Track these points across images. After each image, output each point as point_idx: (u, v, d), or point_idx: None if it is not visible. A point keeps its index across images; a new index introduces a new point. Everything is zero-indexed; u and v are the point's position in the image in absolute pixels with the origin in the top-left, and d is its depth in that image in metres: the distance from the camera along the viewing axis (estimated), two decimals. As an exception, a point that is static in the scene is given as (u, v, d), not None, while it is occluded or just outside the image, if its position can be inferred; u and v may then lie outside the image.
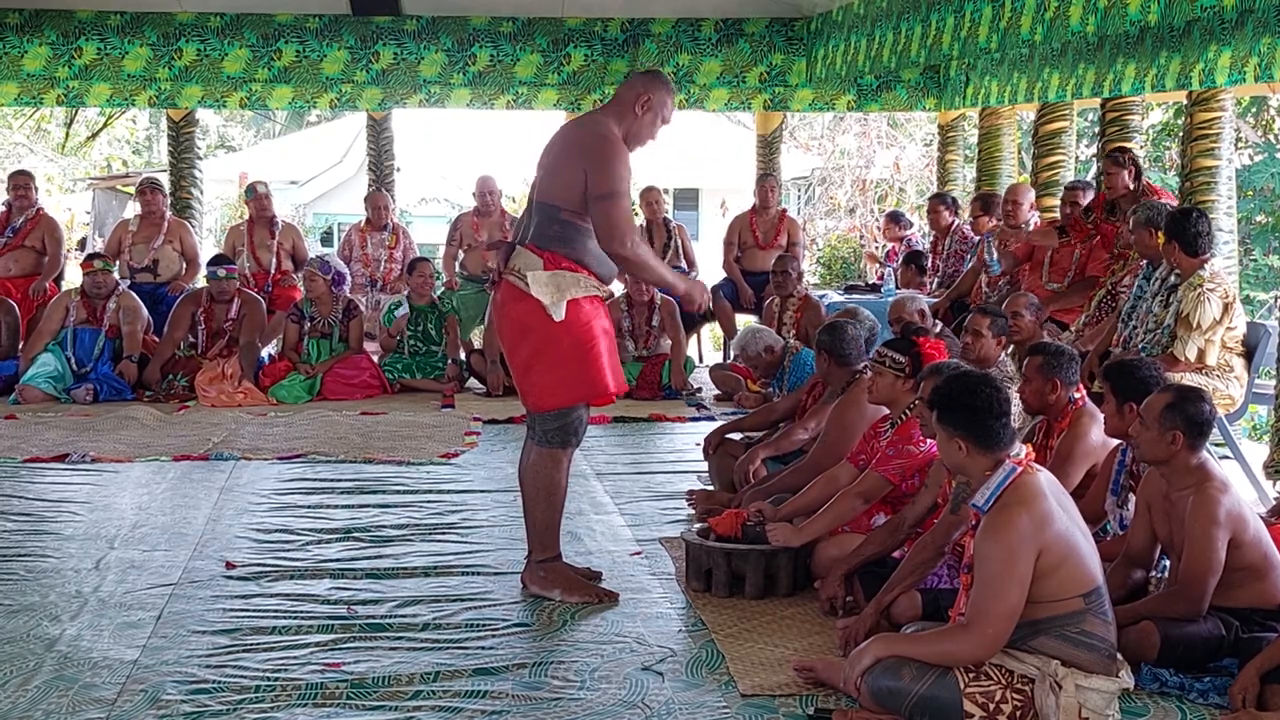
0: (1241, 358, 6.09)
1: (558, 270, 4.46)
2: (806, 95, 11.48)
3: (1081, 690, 3.41)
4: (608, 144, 4.51)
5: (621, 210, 4.44)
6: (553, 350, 4.49)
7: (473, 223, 10.33)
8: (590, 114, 4.83)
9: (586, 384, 4.55)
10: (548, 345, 4.48)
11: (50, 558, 5.15)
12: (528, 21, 11.01)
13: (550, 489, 4.63)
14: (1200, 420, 3.90)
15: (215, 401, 8.56)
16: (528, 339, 4.51)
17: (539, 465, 4.62)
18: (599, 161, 4.46)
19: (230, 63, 10.84)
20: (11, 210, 9.75)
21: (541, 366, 4.51)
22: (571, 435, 4.60)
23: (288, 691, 3.78)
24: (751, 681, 3.84)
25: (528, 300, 4.46)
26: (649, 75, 4.74)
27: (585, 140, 4.55)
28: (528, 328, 4.50)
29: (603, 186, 4.42)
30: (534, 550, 4.71)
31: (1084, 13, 6.75)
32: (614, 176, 4.43)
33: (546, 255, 4.47)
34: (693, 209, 24.75)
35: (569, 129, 4.73)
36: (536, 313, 4.45)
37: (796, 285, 8.94)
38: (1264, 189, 16.09)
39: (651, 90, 4.62)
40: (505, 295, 4.56)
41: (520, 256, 4.52)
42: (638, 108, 4.59)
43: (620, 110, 4.61)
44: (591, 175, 4.43)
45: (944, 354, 4.88)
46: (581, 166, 4.46)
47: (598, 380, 4.55)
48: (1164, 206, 6.68)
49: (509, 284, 4.53)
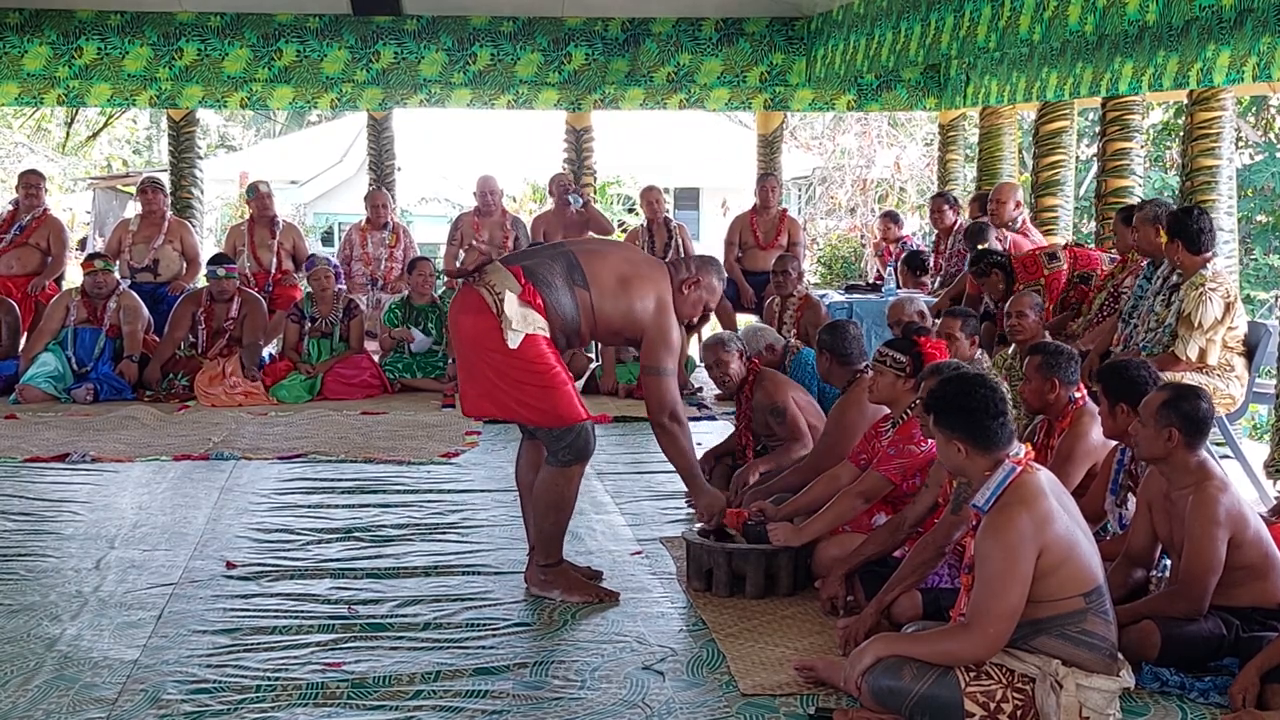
0: (1242, 357, 6.09)
1: (529, 307, 4.48)
2: (807, 95, 11.49)
3: (1082, 689, 3.41)
4: (669, 317, 4.67)
5: (672, 388, 4.62)
6: (513, 375, 4.49)
7: (473, 222, 10.32)
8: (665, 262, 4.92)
9: (553, 410, 4.53)
10: (509, 369, 4.48)
11: (50, 557, 5.15)
12: (528, 21, 11.01)
13: (561, 504, 4.64)
14: (1196, 417, 3.89)
15: (216, 401, 8.57)
16: (484, 355, 4.51)
17: (553, 482, 4.61)
18: (662, 334, 4.63)
19: (231, 62, 10.84)
20: (19, 209, 9.77)
21: (507, 387, 4.52)
22: (583, 450, 4.60)
23: (288, 691, 3.78)
24: (752, 681, 3.84)
25: (491, 318, 4.47)
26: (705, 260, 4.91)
27: (655, 294, 4.64)
28: (484, 345, 4.50)
29: (661, 361, 4.60)
30: (537, 555, 4.71)
31: (1082, 12, 6.75)
32: (672, 355, 4.63)
33: (527, 287, 4.49)
34: (693, 208, 24.75)
35: (641, 260, 4.81)
36: (495, 334, 4.46)
37: (797, 285, 8.93)
38: (1264, 188, 16.09)
39: (704, 275, 4.80)
40: (470, 304, 4.55)
41: (500, 274, 4.53)
42: (686, 288, 4.75)
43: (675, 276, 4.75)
44: (653, 341, 4.61)
45: (944, 354, 4.88)
46: (642, 315, 4.60)
47: (561, 406, 4.53)
48: (1167, 204, 6.70)
49: (478, 295, 4.52)
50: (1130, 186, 8.66)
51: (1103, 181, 8.84)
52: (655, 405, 4.64)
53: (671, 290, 4.71)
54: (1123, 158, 8.67)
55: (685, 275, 4.76)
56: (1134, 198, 8.50)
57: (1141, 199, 8.43)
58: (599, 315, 4.60)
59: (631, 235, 10.68)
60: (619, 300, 4.60)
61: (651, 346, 4.63)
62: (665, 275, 4.73)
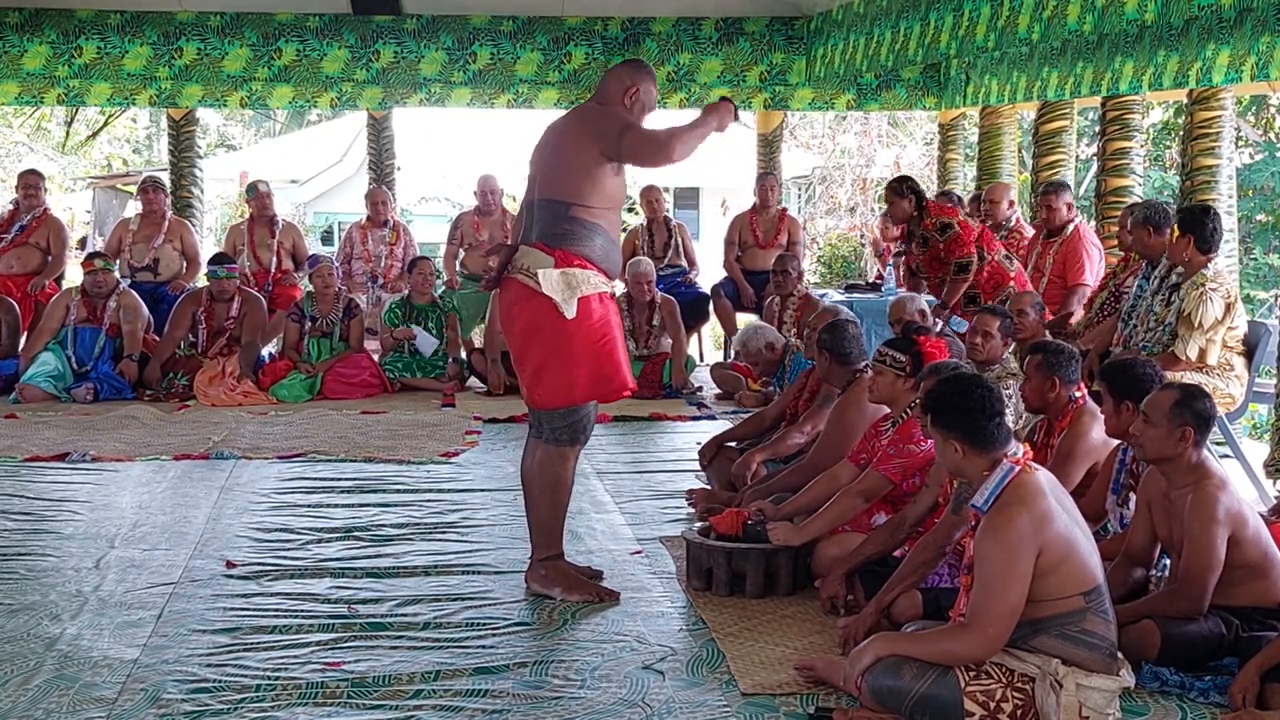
0: (1242, 357, 6.09)
1: (568, 268, 4.44)
2: (806, 94, 11.49)
3: (1082, 689, 3.41)
4: (607, 113, 4.52)
5: (644, 133, 4.44)
6: (568, 348, 4.46)
7: (474, 222, 10.33)
8: (579, 106, 4.81)
9: (603, 380, 4.55)
10: (562, 343, 4.46)
11: (50, 557, 5.16)
12: (528, 20, 11.00)
13: (556, 486, 4.63)
14: (1209, 416, 3.91)
15: (215, 400, 8.57)
16: (540, 339, 4.49)
17: (546, 462, 4.61)
18: (603, 122, 4.47)
19: (231, 62, 10.83)
20: (19, 209, 9.77)
21: (557, 364, 4.49)
22: (580, 433, 4.60)
23: (288, 691, 3.78)
24: (752, 680, 3.84)
25: (538, 299, 4.44)
26: (633, 66, 4.72)
27: (584, 122, 4.53)
28: (538, 328, 4.48)
29: (615, 127, 4.43)
30: (537, 548, 4.71)
31: (1081, 11, 6.75)
32: (622, 120, 4.45)
33: (557, 254, 4.45)
34: (693, 208, 24.74)
35: (561, 123, 4.68)
36: (547, 311, 4.43)
37: (797, 284, 8.94)
38: (1264, 188, 16.09)
39: (638, 81, 4.62)
40: (514, 295, 4.53)
41: (528, 255, 4.49)
42: (626, 99, 4.60)
43: (608, 103, 4.60)
44: (604, 138, 4.43)
45: (944, 353, 4.88)
46: (587, 144, 4.44)
47: (614, 375, 4.55)
48: (1162, 205, 6.72)
49: (518, 283, 4.49)
50: (1130, 186, 8.66)
51: (1103, 181, 8.84)
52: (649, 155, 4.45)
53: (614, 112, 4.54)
54: (1123, 157, 8.67)
55: (622, 87, 4.57)
56: (1134, 197, 8.51)
57: (1142, 199, 8.45)
58: (595, 211, 4.48)
59: (631, 234, 10.69)
60: (581, 180, 4.43)
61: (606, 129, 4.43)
62: (591, 117, 4.55)
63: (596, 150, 4.45)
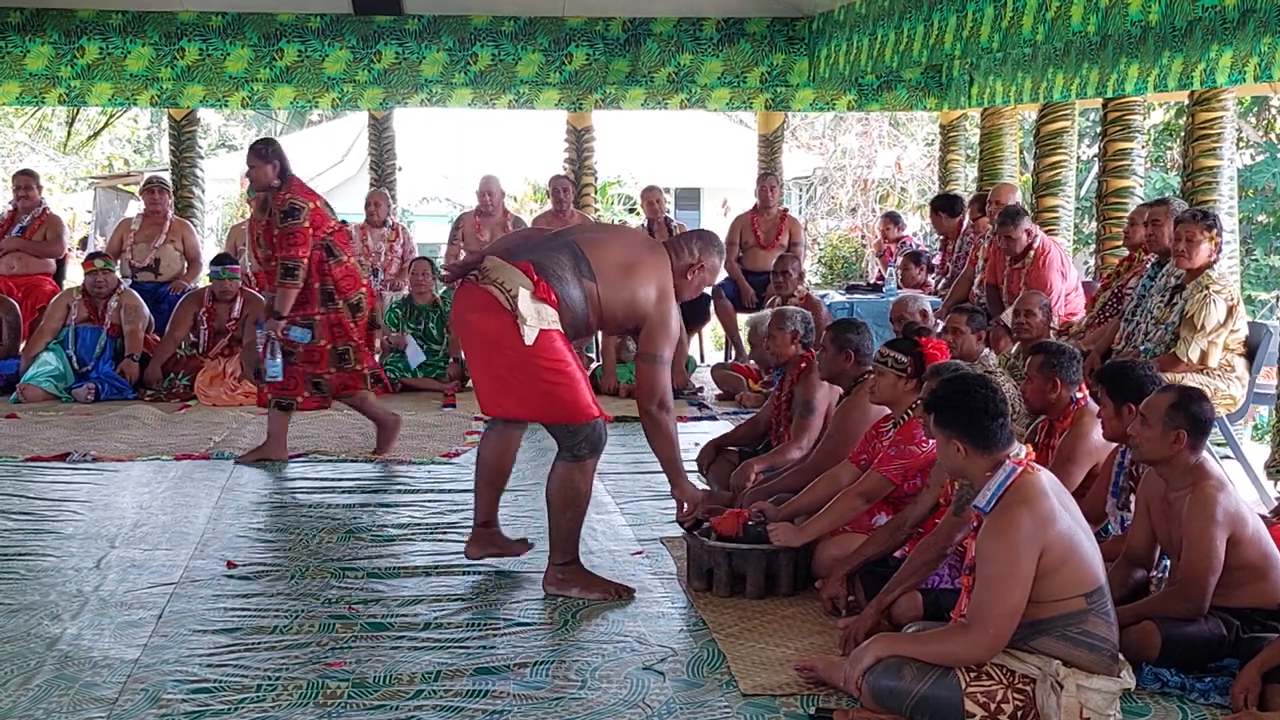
0: (1243, 358, 6.08)
1: (543, 302, 4.49)
2: (808, 95, 11.49)
3: (1083, 690, 3.41)
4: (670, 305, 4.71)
5: (665, 377, 4.65)
6: (530, 372, 4.50)
7: (475, 222, 10.32)
8: (668, 244, 4.92)
9: (561, 405, 4.55)
10: (526, 366, 4.49)
11: (51, 557, 5.15)
12: (529, 21, 11.01)
13: (578, 500, 4.66)
14: (1204, 419, 3.91)
15: (217, 401, 8.56)
16: (501, 354, 4.51)
17: (569, 478, 4.63)
18: (663, 322, 4.67)
19: (232, 62, 10.84)
20: (17, 210, 9.77)
21: (522, 385, 4.53)
22: (599, 444, 4.65)
23: (289, 691, 3.78)
24: (753, 681, 3.84)
25: (505, 316, 4.47)
26: (707, 240, 4.92)
27: (656, 272, 4.68)
28: (500, 344, 4.50)
29: (659, 349, 4.64)
30: (554, 554, 4.72)
31: (1085, 12, 6.74)
32: (670, 343, 4.67)
33: (540, 284, 4.49)
34: (694, 208, 24.74)
35: (643, 245, 4.83)
36: (511, 331, 4.46)
37: (797, 285, 8.93)
38: (1265, 189, 16.08)
39: (704, 258, 4.85)
40: (479, 302, 4.54)
41: (507, 271, 4.52)
42: (690, 274, 4.81)
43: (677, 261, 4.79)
44: (653, 328, 4.64)
45: (946, 354, 4.87)
46: (644, 304, 4.63)
47: (579, 402, 4.56)
48: (1203, 209, 6.75)
49: (486, 293, 4.51)
50: (1131, 187, 8.65)
51: (1104, 182, 8.83)
52: (647, 391, 4.66)
53: (674, 275, 4.73)
54: (1124, 158, 8.67)
55: (689, 260, 4.80)
56: (1135, 198, 8.50)
57: (1144, 199, 8.44)
58: (605, 306, 4.62)
59: (632, 235, 10.68)
60: (622, 289, 4.63)
61: (651, 334, 4.65)
62: (666, 261, 4.74)
63: (644, 295, 4.63)
